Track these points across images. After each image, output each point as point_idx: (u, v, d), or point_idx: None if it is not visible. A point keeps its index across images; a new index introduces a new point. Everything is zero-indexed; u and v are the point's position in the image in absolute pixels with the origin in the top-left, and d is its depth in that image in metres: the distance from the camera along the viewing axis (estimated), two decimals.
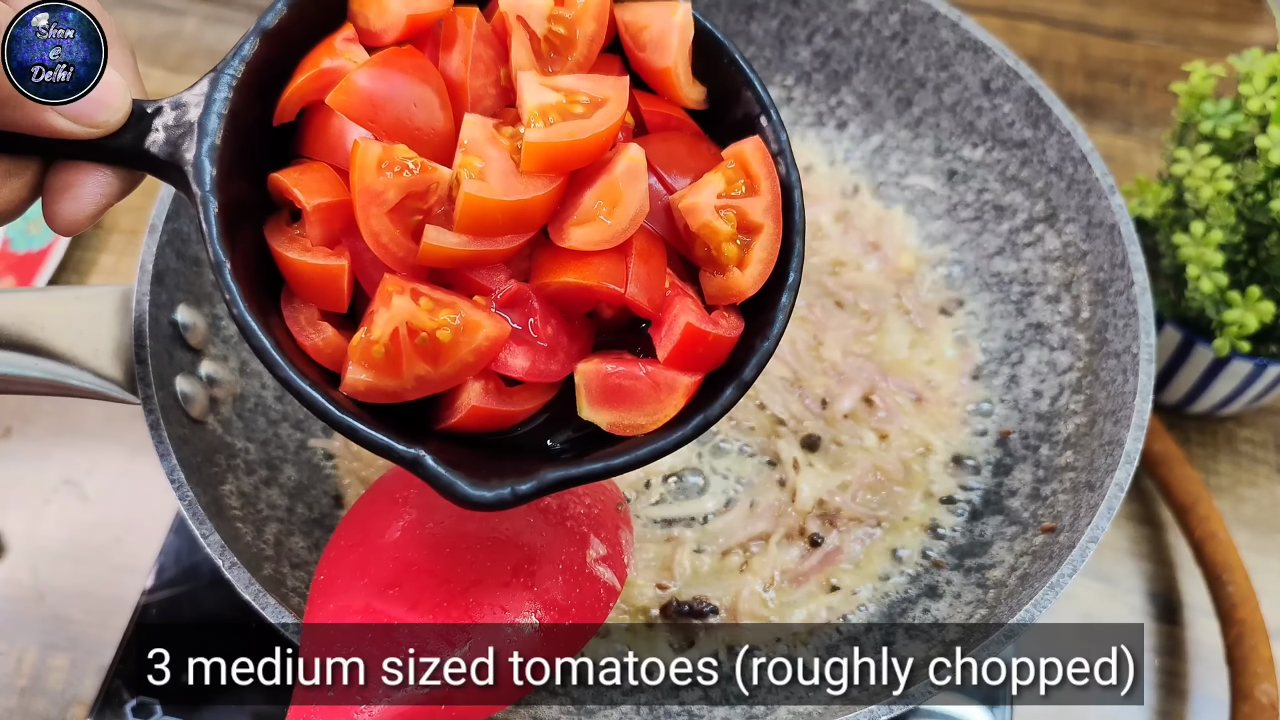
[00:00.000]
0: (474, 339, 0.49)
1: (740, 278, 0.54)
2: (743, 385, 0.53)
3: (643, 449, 0.51)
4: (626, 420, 0.52)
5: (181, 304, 0.71)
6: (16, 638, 0.84)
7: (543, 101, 0.51)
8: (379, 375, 0.49)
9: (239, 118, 0.52)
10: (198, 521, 0.61)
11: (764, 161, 0.55)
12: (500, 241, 0.51)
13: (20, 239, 1.03)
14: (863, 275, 0.86)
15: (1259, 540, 0.89)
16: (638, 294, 0.51)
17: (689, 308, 0.53)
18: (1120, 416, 0.69)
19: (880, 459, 0.77)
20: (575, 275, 0.51)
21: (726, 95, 0.58)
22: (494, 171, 0.50)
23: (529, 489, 0.48)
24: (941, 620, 0.70)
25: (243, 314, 0.49)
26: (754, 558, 0.73)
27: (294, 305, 0.52)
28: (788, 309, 0.54)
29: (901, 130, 0.90)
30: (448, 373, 0.50)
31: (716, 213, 0.53)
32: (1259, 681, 0.75)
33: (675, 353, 0.52)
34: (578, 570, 0.62)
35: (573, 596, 0.61)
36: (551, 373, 0.52)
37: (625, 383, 0.52)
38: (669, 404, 0.52)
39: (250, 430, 0.74)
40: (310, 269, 0.51)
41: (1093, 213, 0.77)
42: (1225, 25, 1.24)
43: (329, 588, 0.59)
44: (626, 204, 0.51)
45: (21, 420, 0.95)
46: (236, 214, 0.51)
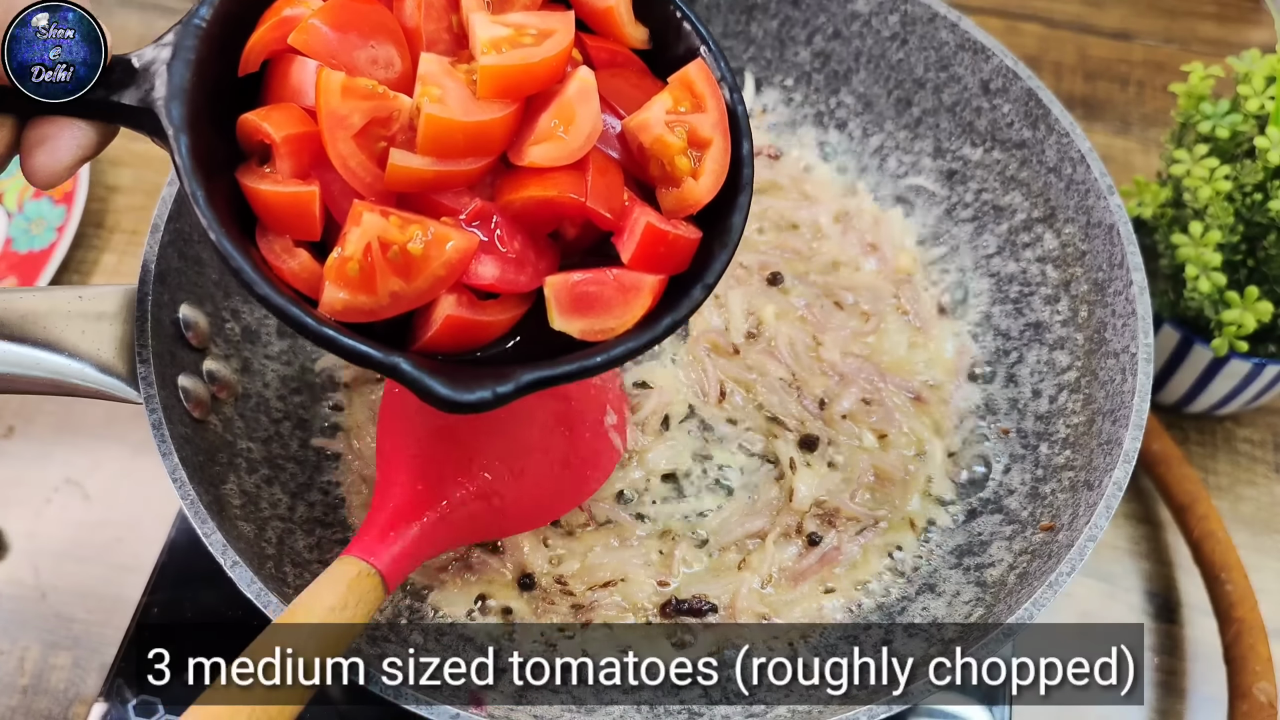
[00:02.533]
0: (444, 251, 0.51)
1: (695, 187, 0.56)
2: (707, 287, 0.56)
3: (616, 349, 0.53)
4: (597, 325, 0.54)
5: (184, 303, 0.71)
6: (19, 636, 0.84)
7: (494, 35, 0.53)
8: (355, 292, 0.51)
9: (206, 66, 0.53)
10: (199, 520, 0.61)
11: (708, 82, 0.58)
12: (463, 163, 0.52)
13: (23, 239, 1.03)
14: (861, 276, 0.86)
15: (1257, 539, 0.89)
16: (598, 204, 0.53)
17: (648, 211, 0.55)
18: (1119, 416, 0.70)
19: (879, 459, 0.77)
20: (537, 189, 0.53)
21: (667, 34, 0.61)
22: (453, 97, 0.52)
23: (508, 389, 0.50)
24: (940, 619, 0.70)
25: (220, 239, 0.50)
26: (752, 555, 0.74)
27: (269, 238, 0.54)
28: (744, 212, 0.57)
29: (901, 131, 0.91)
30: (421, 287, 0.51)
31: (667, 128, 0.55)
32: (1257, 680, 0.76)
33: (638, 253, 0.54)
34: (598, 430, 0.70)
35: (595, 449, 0.70)
36: (520, 283, 0.54)
37: (592, 289, 0.54)
38: (636, 304, 0.54)
39: (252, 429, 0.74)
40: (281, 198, 0.52)
41: (1091, 213, 0.78)
42: (1224, 26, 1.24)
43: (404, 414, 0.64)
44: (581, 121, 0.53)
45: (24, 420, 0.95)
46: (209, 159, 0.53)
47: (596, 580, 0.73)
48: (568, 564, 0.73)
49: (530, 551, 0.73)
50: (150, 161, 1.12)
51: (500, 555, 0.73)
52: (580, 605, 0.72)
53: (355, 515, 0.76)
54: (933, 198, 0.90)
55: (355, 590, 0.56)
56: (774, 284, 0.83)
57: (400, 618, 0.70)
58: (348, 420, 0.79)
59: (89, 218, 1.08)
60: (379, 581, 0.57)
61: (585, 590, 0.72)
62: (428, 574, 0.73)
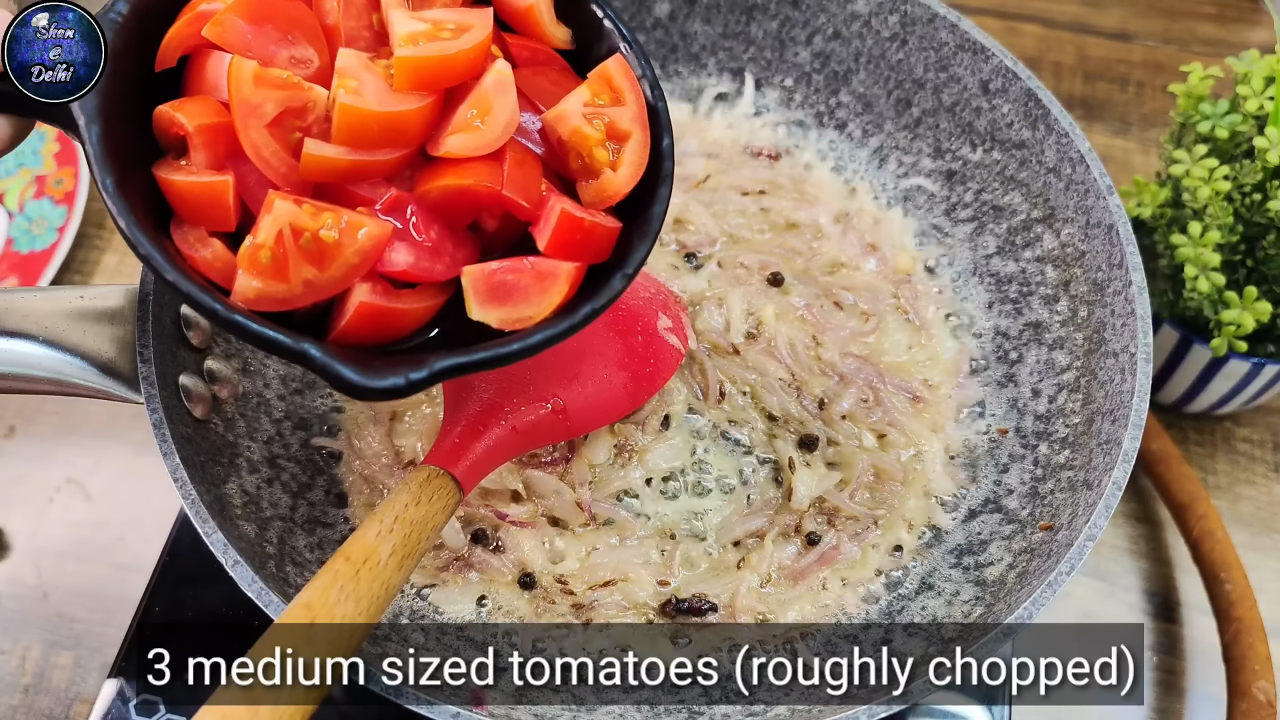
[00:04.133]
0: (357, 239, 0.51)
1: (613, 178, 0.56)
2: (626, 276, 0.56)
3: (533, 336, 0.53)
4: (514, 314, 0.54)
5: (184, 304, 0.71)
6: (20, 636, 0.84)
7: (412, 30, 0.53)
8: (268, 281, 0.50)
9: (122, 60, 0.53)
10: (201, 520, 0.61)
11: (627, 76, 0.58)
12: (379, 154, 0.52)
13: (24, 239, 1.03)
14: (861, 276, 0.87)
15: (1256, 539, 0.89)
16: (514, 192, 0.53)
17: (564, 200, 0.55)
18: (1118, 415, 0.70)
19: (878, 458, 0.77)
20: (453, 178, 0.53)
21: (590, 34, 0.61)
22: (369, 89, 0.52)
23: (421, 376, 0.50)
24: (940, 619, 0.70)
25: (129, 226, 0.49)
26: (751, 554, 0.74)
27: (183, 229, 0.53)
28: (664, 201, 0.57)
29: (900, 131, 0.91)
30: (335, 275, 0.51)
31: (585, 120, 0.56)
32: (1256, 679, 0.76)
33: (554, 240, 0.54)
34: (651, 332, 0.74)
35: (650, 351, 0.74)
36: (436, 272, 0.54)
37: (510, 277, 0.54)
38: (553, 292, 0.54)
39: (253, 429, 0.74)
40: (194, 188, 0.52)
41: (1091, 213, 0.78)
42: (1223, 26, 1.24)
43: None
44: (497, 112, 0.53)
45: (25, 419, 0.95)
46: (126, 153, 0.52)
47: (597, 580, 0.73)
48: (568, 563, 0.73)
49: (530, 551, 0.73)
50: None
51: (501, 555, 0.74)
52: (581, 605, 0.72)
53: (357, 514, 0.76)
54: (932, 198, 0.90)
55: (428, 489, 0.59)
56: (774, 284, 0.84)
57: (401, 617, 0.71)
58: (348, 420, 0.80)
59: (90, 218, 1.08)
60: (450, 481, 0.61)
61: (586, 590, 0.73)
62: (429, 573, 0.73)
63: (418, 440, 0.77)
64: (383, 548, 0.55)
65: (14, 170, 1.08)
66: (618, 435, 0.76)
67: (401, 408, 0.79)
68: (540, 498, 0.75)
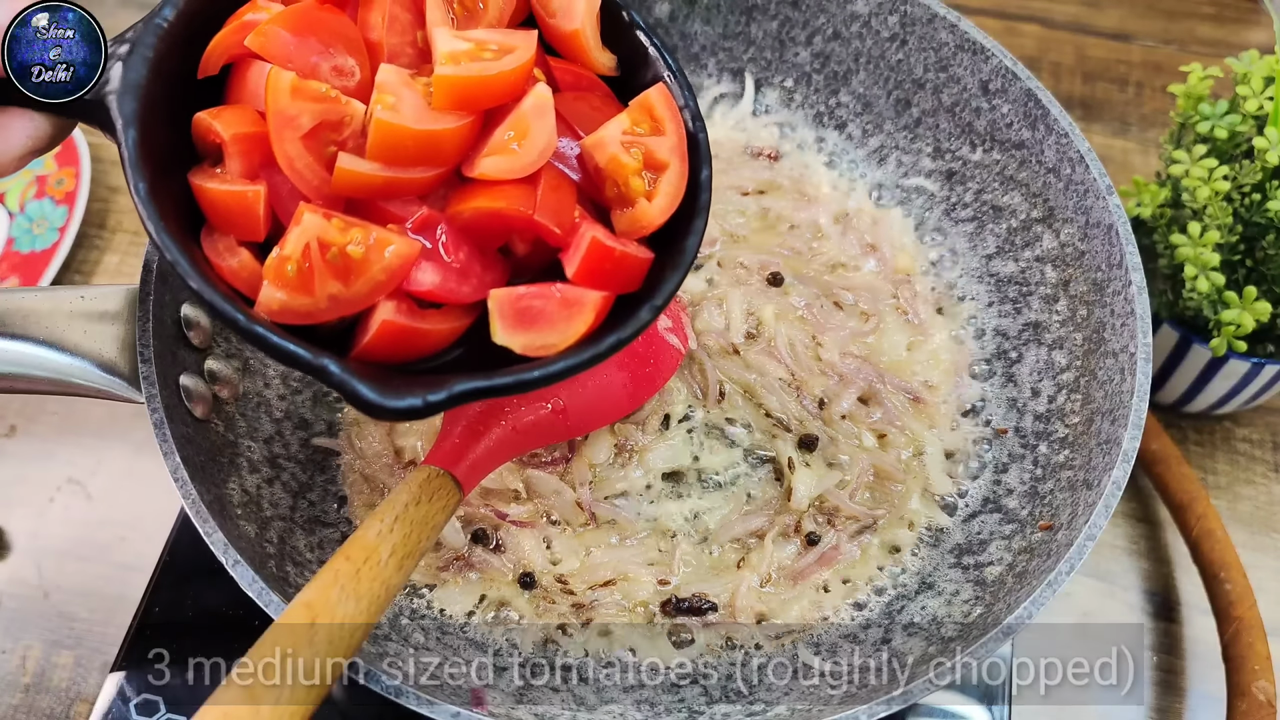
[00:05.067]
0: (384, 256, 0.50)
1: (648, 209, 0.56)
2: (655, 308, 0.55)
3: (555, 365, 0.52)
4: (539, 341, 0.53)
5: (185, 303, 0.71)
6: (21, 635, 0.84)
7: (454, 48, 0.53)
8: (293, 293, 0.50)
9: (165, 64, 0.53)
10: (201, 520, 0.62)
11: (668, 105, 0.58)
12: (413, 171, 0.52)
13: (25, 239, 1.03)
14: (861, 276, 0.87)
15: (1256, 538, 0.89)
16: (546, 218, 0.53)
17: (596, 228, 0.55)
18: (1117, 415, 0.70)
19: (878, 458, 0.77)
20: (485, 201, 0.52)
21: (634, 60, 0.61)
22: (407, 106, 0.51)
23: (440, 398, 0.49)
24: (939, 618, 0.70)
25: (158, 231, 0.49)
26: (750, 554, 0.74)
27: (213, 237, 0.53)
28: (699, 234, 0.57)
29: (900, 131, 0.91)
30: (360, 291, 0.51)
31: (623, 148, 0.55)
32: (1256, 678, 0.76)
33: (582, 268, 0.54)
34: (653, 333, 0.74)
35: (651, 351, 0.73)
36: (463, 293, 0.53)
37: (536, 303, 0.53)
38: (578, 321, 0.54)
39: (254, 429, 0.74)
40: (227, 196, 0.52)
41: (1090, 213, 0.78)
42: (1222, 27, 1.24)
43: None
44: (535, 136, 0.53)
45: (26, 419, 0.96)
46: (162, 157, 0.52)
47: (597, 579, 0.73)
48: (568, 563, 0.73)
49: (531, 551, 0.73)
50: None
51: (501, 554, 0.74)
52: (581, 604, 0.72)
53: (357, 514, 0.76)
54: (932, 198, 0.90)
55: (428, 488, 0.59)
56: (774, 284, 0.84)
57: (401, 617, 0.71)
58: (348, 419, 0.80)
59: (91, 218, 1.08)
60: (450, 481, 0.61)
61: (586, 589, 0.73)
62: (429, 573, 0.73)
63: (418, 440, 0.77)
64: (383, 547, 0.55)
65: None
66: (618, 435, 0.76)
67: None
68: (540, 498, 0.75)
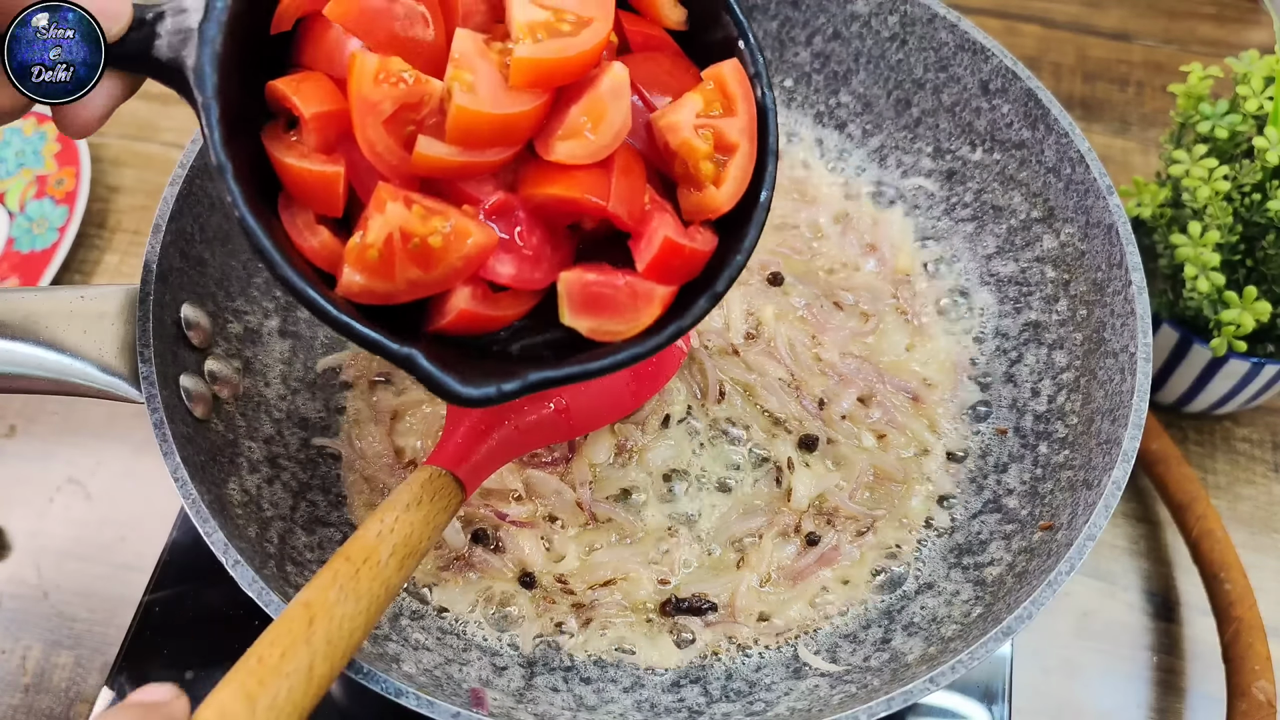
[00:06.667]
0: (463, 245, 0.51)
1: (716, 195, 0.56)
2: (715, 296, 0.56)
3: (620, 353, 0.54)
4: (605, 327, 0.54)
5: (185, 303, 0.71)
6: (21, 635, 0.84)
7: (531, 19, 0.52)
8: (373, 278, 0.51)
9: (238, 23, 0.53)
10: (201, 520, 0.62)
11: (741, 84, 0.57)
12: (489, 153, 0.53)
13: (25, 239, 1.03)
14: (861, 276, 0.87)
15: (1256, 538, 0.89)
16: (619, 207, 0.53)
17: (667, 222, 0.55)
18: (1118, 415, 0.70)
19: (878, 458, 0.78)
20: (560, 188, 0.53)
21: (706, 18, 0.60)
22: (484, 84, 0.51)
23: (513, 388, 0.52)
24: (939, 618, 0.70)
25: (245, 216, 0.51)
26: (750, 554, 0.74)
27: (291, 210, 0.54)
28: (760, 224, 0.57)
29: (900, 131, 0.91)
30: (438, 277, 0.52)
31: (695, 131, 0.55)
32: (1256, 678, 0.76)
33: (653, 264, 0.54)
34: None
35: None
36: (536, 280, 0.55)
37: (605, 291, 0.54)
38: (646, 313, 0.55)
39: (254, 429, 0.74)
40: (308, 174, 0.53)
41: (1090, 213, 0.78)
42: (1222, 27, 1.25)
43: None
44: (610, 120, 0.53)
45: (26, 419, 0.96)
46: (236, 119, 0.53)
47: (597, 579, 0.73)
48: (568, 563, 0.73)
49: (531, 551, 0.73)
50: (152, 162, 1.13)
51: (501, 554, 0.74)
52: (581, 604, 0.72)
53: (357, 514, 0.76)
54: (932, 198, 0.90)
55: (430, 489, 0.59)
56: (774, 284, 0.84)
57: (402, 617, 0.71)
58: (349, 419, 0.80)
59: (91, 218, 1.08)
60: (452, 481, 0.60)
61: (586, 589, 0.73)
62: (430, 573, 0.73)
63: (418, 440, 0.77)
64: (383, 548, 0.54)
65: (15, 170, 1.08)
66: (618, 435, 0.76)
67: (402, 408, 0.79)
68: (540, 498, 0.75)
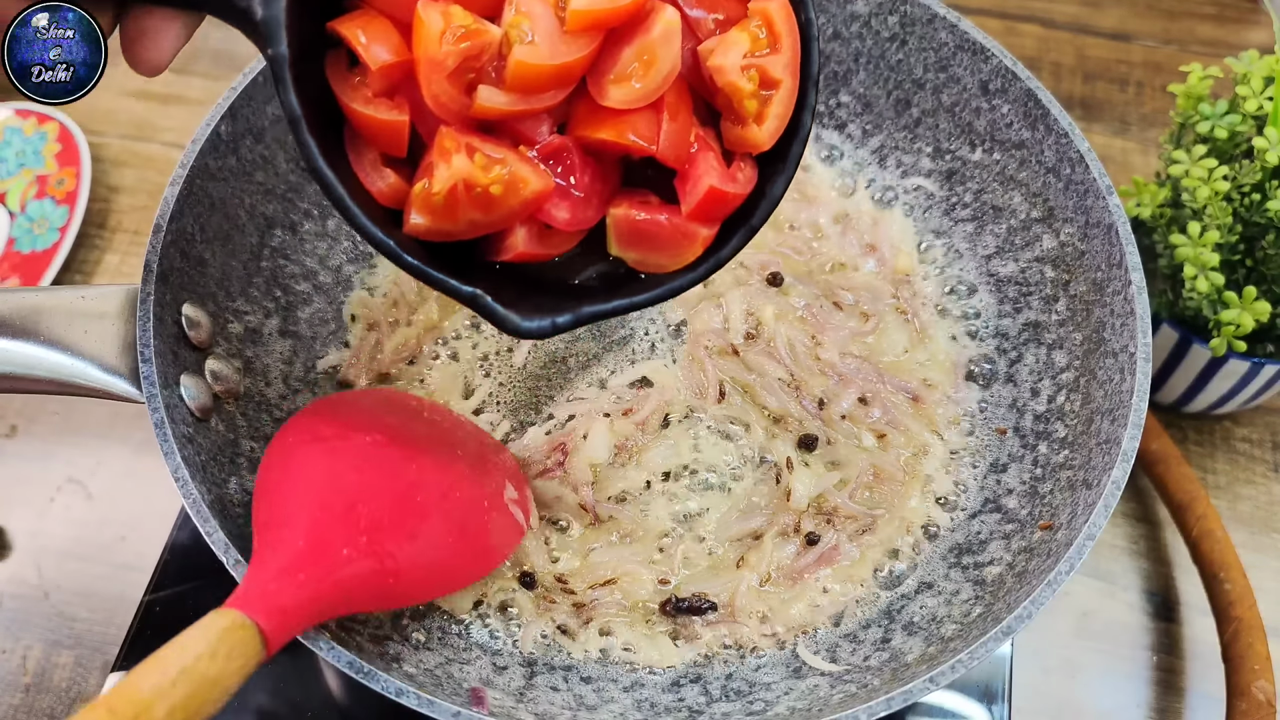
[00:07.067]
0: (521, 193, 0.55)
1: (758, 132, 0.58)
2: (751, 230, 0.59)
3: (661, 287, 0.59)
4: (650, 260, 0.60)
5: (186, 303, 0.71)
6: (21, 635, 0.84)
7: None
8: (437, 220, 0.55)
9: None
10: (202, 519, 0.62)
11: (787, 19, 0.58)
12: (546, 97, 0.56)
13: (26, 239, 1.03)
14: (861, 276, 0.87)
15: (1255, 538, 0.89)
16: (668, 151, 0.57)
17: (712, 167, 0.58)
18: (1117, 415, 0.70)
19: (877, 458, 0.78)
20: (612, 133, 0.56)
21: None
22: (541, 31, 0.54)
23: (566, 321, 0.57)
24: (939, 618, 0.70)
25: (323, 170, 0.54)
26: (750, 553, 0.74)
27: (359, 148, 0.57)
28: (797, 158, 0.59)
29: (900, 131, 0.91)
30: (498, 219, 0.56)
31: (741, 73, 0.57)
32: (1255, 678, 0.76)
33: (697, 209, 0.58)
34: (497, 502, 0.70)
35: (495, 522, 0.69)
36: (588, 219, 0.59)
37: (650, 229, 0.58)
38: (689, 250, 0.59)
39: (254, 428, 0.74)
40: (376, 121, 0.56)
41: (1090, 213, 0.78)
42: (1222, 27, 1.25)
43: (286, 467, 0.63)
44: (660, 65, 0.55)
45: (26, 419, 0.96)
46: (301, 58, 0.55)
47: (597, 578, 0.73)
48: (568, 562, 0.73)
49: (531, 550, 0.73)
50: (152, 162, 1.13)
51: None
52: (581, 604, 0.72)
53: None
54: (932, 198, 0.90)
55: (226, 640, 0.50)
56: (773, 284, 0.84)
57: (402, 616, 0.71)
58: None
59: (91, 218, 1.08)
60: (256, 635, 0.51)
61: (586, 589, 0.73)
62: None
63: None
64: (158, 706, 0.45)
65: (16, 170, 1.08)
66: (618, 435, 0.76)
67: None
68: (546, 508, 0.75)
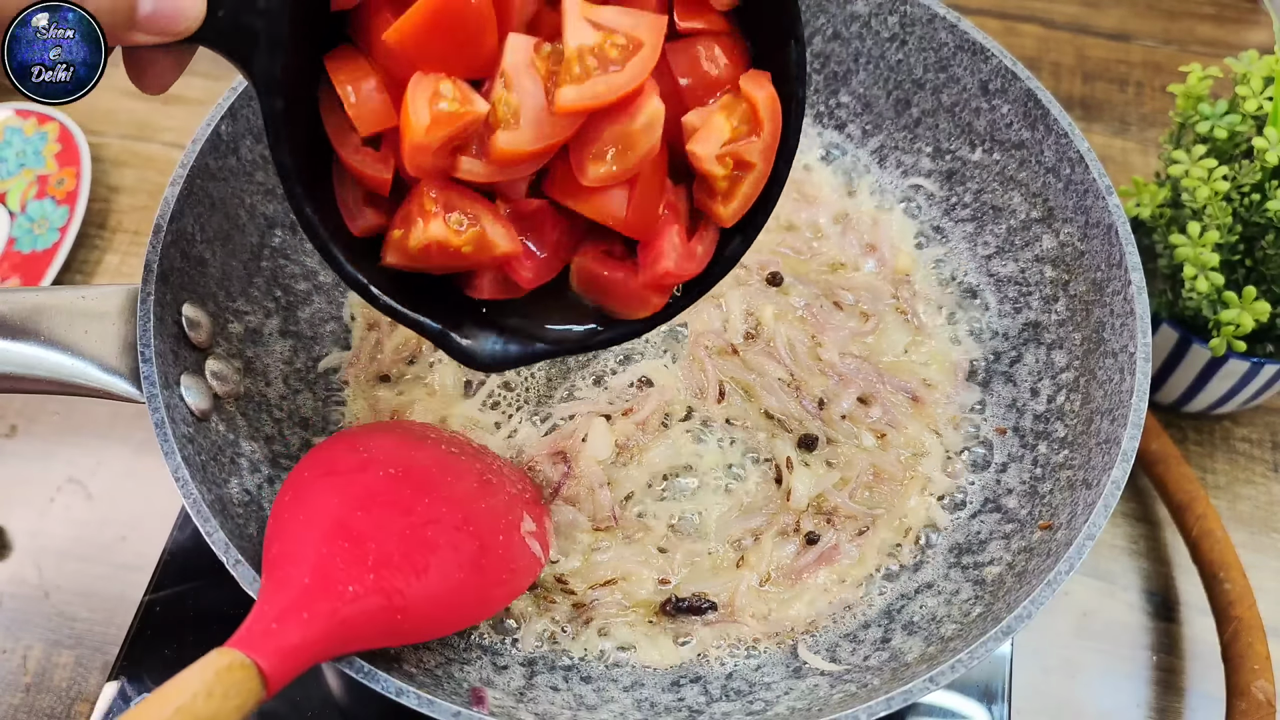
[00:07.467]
0: (492, 252, 0.58)
1: (723, 210, 0.60)
2: (703, 292, 0.62)
3: (621, 330, 0.62)
4: (610, 307, 0.63)
5: (186, 303, 0.71)
6: (22, 635, 0.84)
7: (582, 43, 0.54)
8: (411, 263, 0.59)
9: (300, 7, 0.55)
10: (202, 519, 0.62)
11: (770, 105, 0.59)
12: (524, 169, 0.57)
13: (26, 239, 1.04)
14: (861, 276, 0.87)
15: (1255, 538, 0.89)
16: (634, 226, 0.59)
17: (673, 247, 0.59)
18: (1117, 415, 0.70)
19: (877, 458, 0.78)
20: (585, 207, 0.58)
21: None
22: (528, 111, 0.55)
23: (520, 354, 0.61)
24: (939, 618, 0.70)
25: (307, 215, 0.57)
26: (749, 553, 0.74)
27: (344, 184, 0.60)
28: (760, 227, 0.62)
29: (900, 131, 0.91)
30: (466, 267, 0.60)
31: (716, 161, 0.58)
32: (1255, 678, 0.76)
33: (652, 283, 0.61)
34: (512, 535, 0.69)
35: (510, 556, 0.68)
36: (550, 274, 0.62)
37: (609, 285, 0.61)
38: (644, 309, 0.62)
39: (255, 429, 0.74)
40: (364, 174, 0.58)
41: (1090, 213, 0.78)
42: (1222, 27, 1.25)
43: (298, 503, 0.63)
44: (638, 150, 0.56)
45: (27, 419, 0.96)
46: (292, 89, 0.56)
47: (597, 579, 0.73)
48: (568, 562, 0.74)
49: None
50: (152, 162, 1.13)
51: None
52: (581, 604, 0.72)
53: None
54: (932, 198, 0.90)
55: (224, 680, 0.49)
56: (773, 284, 0.84)
57: None
58: (350, 419, 0.80)
59: (92, 218, 1.08)
60: (255, 674, 0.51)
61: (586, 589, 0.73)
62: None
63: None
64: None
65: (16, 170, 1.08)
66: (618, 434, 0.76)
67: (402, 407, 0.79)
68: (560, 535, 0.74)
